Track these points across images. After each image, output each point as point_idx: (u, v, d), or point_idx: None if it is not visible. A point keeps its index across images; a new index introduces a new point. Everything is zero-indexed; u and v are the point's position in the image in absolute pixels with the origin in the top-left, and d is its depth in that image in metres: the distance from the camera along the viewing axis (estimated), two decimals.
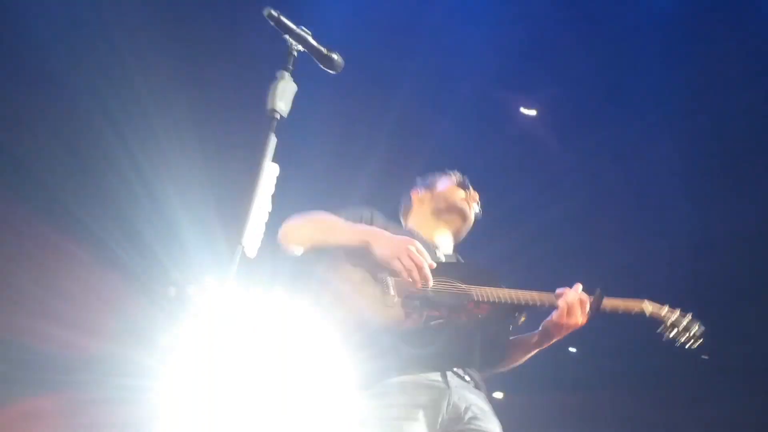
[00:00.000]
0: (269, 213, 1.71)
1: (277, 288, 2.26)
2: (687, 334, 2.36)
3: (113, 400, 4.61)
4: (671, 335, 2.36)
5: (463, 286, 2.19)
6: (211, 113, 4.98)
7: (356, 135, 5.45)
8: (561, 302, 2.24)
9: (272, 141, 1.76)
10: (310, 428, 2.05)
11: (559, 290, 2.30)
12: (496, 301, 2.17)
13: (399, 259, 2.04)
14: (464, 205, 2.66)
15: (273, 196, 1.72)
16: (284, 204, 1.88)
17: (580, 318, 2.25)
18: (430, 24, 5.13)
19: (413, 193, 2.80)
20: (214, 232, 4.51)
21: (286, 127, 1.79)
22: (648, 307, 2.38)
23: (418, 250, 2.07)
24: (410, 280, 2.05)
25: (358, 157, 5.41)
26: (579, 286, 2.31)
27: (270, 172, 1.73)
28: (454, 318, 2.09)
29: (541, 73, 5.44)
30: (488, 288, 2.20)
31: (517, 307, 2.23)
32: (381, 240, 2.08)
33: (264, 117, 1.76)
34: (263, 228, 1.69)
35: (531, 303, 2.23)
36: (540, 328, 2.39)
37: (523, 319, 2.28)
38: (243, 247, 1.63)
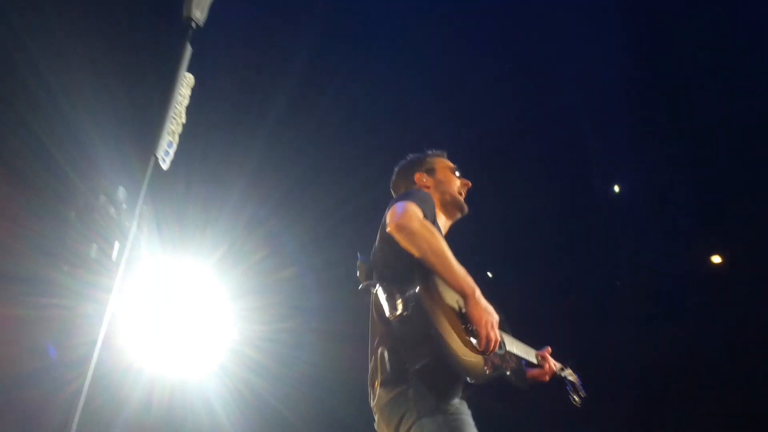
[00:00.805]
0: (184, 125, 1.66)
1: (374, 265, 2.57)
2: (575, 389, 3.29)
3: (23, 318, 4.49)
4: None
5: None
6: (122, 15, 4.70)
7: (275, 46, 5.30)
8: (546, 366, 3.03)
9: (188, 50, 1.69)
10: None
11: (539, 352, 3.03)
12: (516, 354, 2.75)
13: (486, 327, 2.41)
14: (462, 200, 3.01)
15: (188, 108, 1.67)
16: (199, 117, 1.83)
17: (547, 378, 3.08)
18: None
19: (417, 178, 3.02)
20: (126, 142, 4.33)
21: (203, 37, 1.73)
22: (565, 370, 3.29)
23: (497, 324, 2.46)
24: (482, 346, 2.43)
25: (276, 70, 5.28)
26: (549, 350, 3.08)
27: (185, 82, 1.67)
28: (504, 367, 2.59)
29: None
30: (510, 338, 2.75)
31: (525, 362, 2.88)
32: (479, 302, 2.44)
33: (179, 23, 1.69)
34: (177, 140, 1.65)
35: (532, 361, 2.94)
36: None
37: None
38: (156, 158, 1.59)
